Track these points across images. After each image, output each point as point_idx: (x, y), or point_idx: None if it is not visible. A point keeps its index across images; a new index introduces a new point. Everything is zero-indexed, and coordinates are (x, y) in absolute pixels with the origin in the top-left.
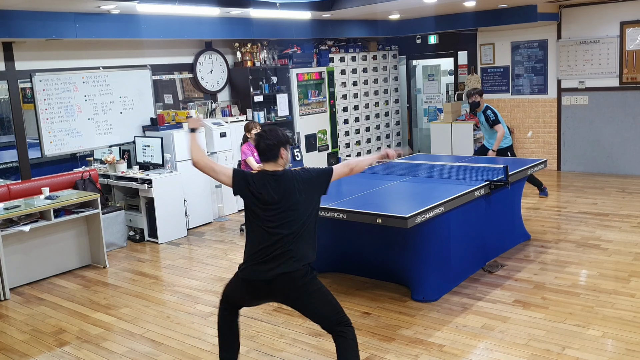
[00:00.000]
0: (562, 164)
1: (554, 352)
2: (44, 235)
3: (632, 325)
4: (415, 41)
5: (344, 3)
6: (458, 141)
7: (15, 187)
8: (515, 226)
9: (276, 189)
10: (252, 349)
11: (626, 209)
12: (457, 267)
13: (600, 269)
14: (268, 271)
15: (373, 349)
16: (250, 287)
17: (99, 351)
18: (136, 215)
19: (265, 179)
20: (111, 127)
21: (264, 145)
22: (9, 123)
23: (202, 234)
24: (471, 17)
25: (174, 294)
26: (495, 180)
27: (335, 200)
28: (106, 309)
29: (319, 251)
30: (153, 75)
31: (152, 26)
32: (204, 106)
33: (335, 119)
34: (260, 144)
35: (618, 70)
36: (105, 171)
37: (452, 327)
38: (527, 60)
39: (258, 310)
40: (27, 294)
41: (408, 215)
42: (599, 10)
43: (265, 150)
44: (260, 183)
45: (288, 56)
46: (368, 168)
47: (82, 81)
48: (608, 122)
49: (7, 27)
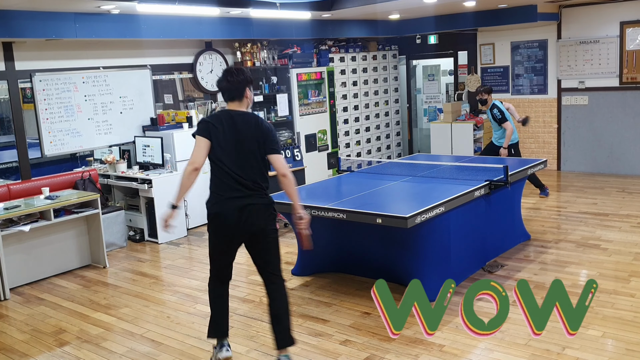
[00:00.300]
0: (562, 164)
1: (554, 352)
2: (44, 235)
3: (632, 325)
4: (415, 41)
5: (344, 3)
6: (458, 141)
7: (15, 187)
8: (515, 226)
9: (240, 127)
10: (252, 349)
11: (626, 209)
12: (457, 267)
13: (600, 269)
14: (237, 202)
15: (373, 349)
16: (221, 225)
17: (99, 351)
18: (136, 215)
19: (230, 117)
20: (111, 127)
21: (230, 82)
22: (9, 123)
23: (202, 234)
24: (471, 17)
25: (174, 294)
26: (495, 180)
27: (335, 200)
28: (106, 309)
29: (319, 251)
30: (153, 75)
31: (152, 26)
32: (204, 106)
33: (335, 119)
34: (225, 81)
35: (618, 70)
36: (105, 171)
37: (452, 327)
38: (527, 60)
39: (258, 310)
40: (27, 294)
41: (408, 215)
42: (599, 10)
43: (231, 89)
44: (225, 122)
45: (288, 56)
46: (368, 168)
47: (82, 81)
48: (608, 122)
49: (7, 27)
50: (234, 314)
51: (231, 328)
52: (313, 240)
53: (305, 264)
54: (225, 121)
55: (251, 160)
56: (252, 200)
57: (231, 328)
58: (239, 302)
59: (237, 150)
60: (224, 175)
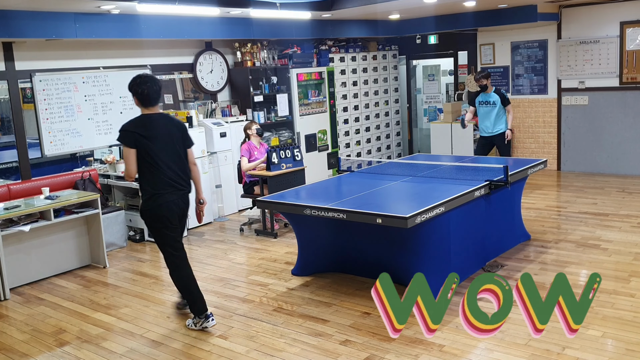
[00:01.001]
0: (562, 164)
1: (554, 352)
2: (44, 235)
3: (632, 325)
4: (415, 41)
5: (344, 3)
6: (458, 141)
7: (15, 187)
8: (515, 226)
9: (163, 127)
10: (252, 349)
11: (626, 209)
12: (457, 267)
13: (600, 269)
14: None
15: (373, 349)
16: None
17: (99, 351)
18: (136, 215)
19: (153, 120)
20: (111, 127)
21: (153, 90)
22: (9, 123)
23: (202, 234)
24: (471, 17)
25: (174, 294)
26: (495, 180)
27: (335, 200)
28: (106, 309)
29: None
30: (153, 75)
31: (152, 26)
32: (204, 106)
33: (335, 119)
34: (149, 89)
35: (618, 70)
36: (105, 171)
37: (452, 327)
38: (527, 60)
39: (258, 310)
40: (27, 294)
41: (408, 215)
42: (599, 10)
43: (156, 96)
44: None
45: (288, 56)
46: (368, 168)
47: (82, 81)
48: (608, 122)
49: (7, 27)
50: (234, 314)
51: (231, 328)
52: (313, 240)
53: (305, 264)
54: (153, 125)
55: (182, 156)
56: (188, 189)
57: (231, 328)
58: (239, 302)
59: (171, 149)
60: (163, 174)
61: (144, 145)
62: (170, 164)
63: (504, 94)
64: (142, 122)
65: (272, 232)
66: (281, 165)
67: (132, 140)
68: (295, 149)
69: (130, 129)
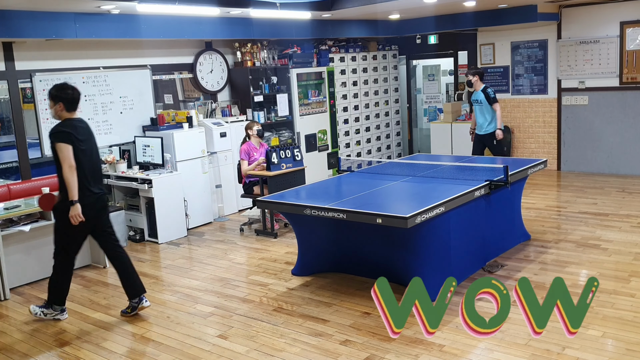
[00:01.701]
0: (562, 164)
1: (554, 352)
2: (44, 235)
3: (632, 325)
4: (415, 41)
5: (344, 3)
6: (458, 141)
7: (15, 187)
8: (515, 226)
9: (87, 131)
10: (252, 349)
11: (626, 209)
12: (457, 267)
13: (600, 269)
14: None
15: (373, 349)
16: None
17: (99, 351)
18: (136, 215)
19: (80, 125)
20: (111, 127)
21: (77, 94)
22: (9, 123)
23: (202, 234)
24: (471, 17)
25: (174, 294)
26: (495, 180)
27: (335, 200)
28: (106, 309)
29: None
30: (153, 75)
31: (152, 26)
32: (204, 106)
33: (336, 119)
34: (74, 94)
35: (618, 70)
36: (105, 171)
37: (452, 327)
38: (527, 60)
39: (258, 310)
40: (27, 294)
41: (408, 215)
42: (599, 10)
43: (77, 100)
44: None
45: (288, 56)
46: (368, 168)
47: (82, 81)
48: (608, 122)
49: (7, 27)
50: (234, 314)
51: (231, 328)
52: (313, 240)
53: (305, 264)
54: (80, 129)
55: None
56: (105, 191)
57: (231, 328)
58: (239, 302)
59: (94, 152)
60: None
61: (77, 146)
62: (94, 166)
63: (488, 93)
64: (74, 125)
65: (272, 232)
66: (281, 165)
67: (68, 139)
68: (295, 149)
69: (67, 130)
